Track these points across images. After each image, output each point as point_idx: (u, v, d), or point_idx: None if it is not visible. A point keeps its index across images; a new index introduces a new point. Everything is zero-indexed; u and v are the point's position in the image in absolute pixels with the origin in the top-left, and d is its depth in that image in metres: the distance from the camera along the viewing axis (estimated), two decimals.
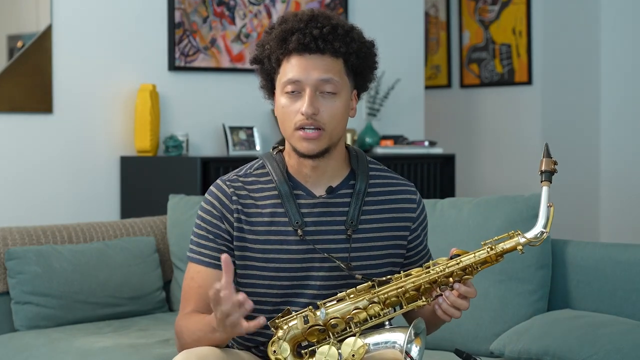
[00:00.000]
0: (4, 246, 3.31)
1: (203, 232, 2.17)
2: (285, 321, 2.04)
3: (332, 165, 2.15)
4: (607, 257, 2.80)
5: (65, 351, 2.99)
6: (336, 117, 2.09)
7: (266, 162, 2.19)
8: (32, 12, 4.08)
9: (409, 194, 2.23)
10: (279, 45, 2.09)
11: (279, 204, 2.14)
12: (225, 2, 4.55)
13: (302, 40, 2.06)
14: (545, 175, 2.02)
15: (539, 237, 1.99)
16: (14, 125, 4.01)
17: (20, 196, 4.02)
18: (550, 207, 2.00)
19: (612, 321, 2.64)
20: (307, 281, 2.13)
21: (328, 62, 2.08)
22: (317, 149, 2.08)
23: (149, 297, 3.51)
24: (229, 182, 2.17)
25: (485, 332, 2.85)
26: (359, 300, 2.02)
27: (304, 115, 2.06)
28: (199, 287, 2.14)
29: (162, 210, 3.84)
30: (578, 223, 5.89)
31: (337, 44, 2.07)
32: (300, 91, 2.08)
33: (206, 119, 4.50)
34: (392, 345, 1.98)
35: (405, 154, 4.78)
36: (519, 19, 5.89)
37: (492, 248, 2.01)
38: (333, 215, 2.14)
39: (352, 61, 2.11)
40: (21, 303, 3.26)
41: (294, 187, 2.15)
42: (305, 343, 2.04)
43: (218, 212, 2.15)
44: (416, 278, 2.02)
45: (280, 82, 2.11)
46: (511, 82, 5.95)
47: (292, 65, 2.08)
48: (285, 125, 2.11)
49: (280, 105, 2.11)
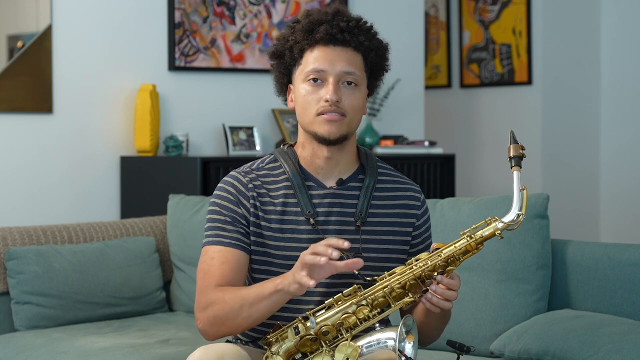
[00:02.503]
0: (4, 246, 3.31)
1: (220, 216, 2.17)
2: (276, 335, 2.05)
3: (345, 158, 2.21)
4: (607, 257, 2.80)
5: (65, 351, 2.99)
6: (356, 108, 2.16)
7: (278, 156, 2.23)
8: (32, 12, 4.08)
9: (414, 192, 2.28)
10: (305, 35, 2.16)
11: (291, 194, 2.18)
12: (225, 2, 4.55)
13: (330, 31, 2.14)
14: (514, 160, 2.07)
15: (515, 220, 2.02)
16: (14, 125, 4.01)
17: (20, 196, 4.02)
18: (523, 190, 2.03)
19: (612, 321, 2.64)
20: None
21: (351, 55, 2.15)
22: (337, 132, 2.14)
23: (149, 297, 3.51)
24: (243, 173, 2.22)
25: (485, 332, 2.85)
26: (347, 305, 2.03)
27: (327, 102, 2.12)
28: (222, 264, 2.13)
29: (162, 210, 3.84)
30: (578, 223, 5.89)
31: (361, 38, 2.16)
32: (323, 80, 2.14)
33: (206, 119, 4.50)
34: (385, 344, 1.99)
35: (405, 154, 4.77)
36: (519, 19, 5.89)
37: (471, 236, 2.04)
38: (343, 206, 2.19)
39: (371, 57, 2.19)
40: (21, 303, 3.26)
41: (306, 178, 2.20)
42: (299, 356, 2.04)
43: (234, 198, 2.18)
44: (400, 275, 2.04)
45: (302, 71, 2.17)
46: (511, 82, 5.95)
47: (317, 56, 2.15)
48: (306, 112, 2.16)
49: (301, 93, 2.17)
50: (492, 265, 2.85)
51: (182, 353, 2.76)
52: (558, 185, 5.71)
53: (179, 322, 3.36)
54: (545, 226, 2.87)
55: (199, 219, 3.50)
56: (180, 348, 2.90)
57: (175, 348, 2.94)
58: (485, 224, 2.04)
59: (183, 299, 3.55)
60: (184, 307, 3.55)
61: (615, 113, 5.99)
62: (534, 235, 2.84)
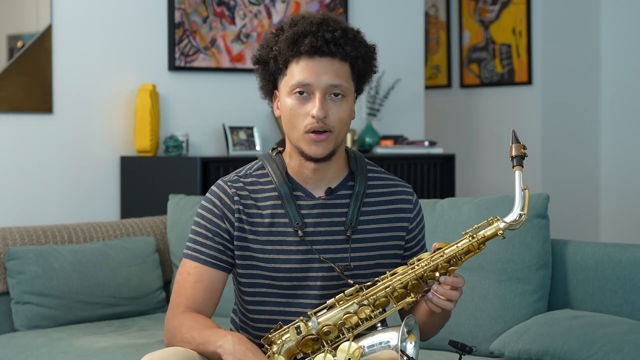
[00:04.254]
0: (4, 246, 3.31)
1: (202, 229, 2.16)
2: (278, 335, 2.04)
3: (333, 167, 2.16)
4: (607, 257, 2.80)
5: (65, 351, 2.99)
6: (343, 120, 2.10)
7: (265, 164, 2.19)
8: (32, 12, 4.08)
9: (406, 194, 2.24)
10: (290, 47, 2.10)
11: (279, 204, 2.14)
12: (225, 2, 4.54)
13: (315, 43, 2.07)
14: (516, 160, 2.04)
15: (517, 220, 2.00)
16: (14, 125, 4.01)
17: (21, 196, 4.02)
18: (525, 190, 2.01)
19: (612, 321, 2.64)
20: (307, 282, 2.13)
21: (337, 67, 2.09)
22: (325, 152, 2.10)
23: (149, 297, 3.51)
24: (230, 182, 2.17)
25: (485, 332, 2.84)
26: (349, 305, 2.02)
27: (314, 118, 2.06)
28: (196, 282, 2.14)
29: (162, 210, 3.83)
30: (578, 223, 5.88)
31: (348, 48, 2.09)
32: (310, 94, 2.08)
33: (206, 119, 4.49)
34: (387, 345, 1.98)
35: (405, 154, 4.77)
36: (519, 19, 5.88)
37: (473, 236, 2.02)
38: (332, 216, 2.15)
39: (358, 65, 2.13)
40: (21, 303, 3.26)
41: (294, 188, 2.16)
42: (300, 355, 2.04)
43: (219, 211, 2.15)
44: (402, 276, 2.03)
45: (288, 84, 2.11)
46: (511, 82, 5.94)
47: (302, 68, 2.08)
48: (294, 127, 2.10)
49: (287, 107, 2.11)
50: (492, 265, 2.84)
51: None
52: (558, 185, 5.70)
53: None
54: (545, 226, 2.87)
55: None
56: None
57: None
58: (488, 224, 2.03)
59: None
60: None
61: (615, 113, 5.99)
62: (534, 235, 2.83)
